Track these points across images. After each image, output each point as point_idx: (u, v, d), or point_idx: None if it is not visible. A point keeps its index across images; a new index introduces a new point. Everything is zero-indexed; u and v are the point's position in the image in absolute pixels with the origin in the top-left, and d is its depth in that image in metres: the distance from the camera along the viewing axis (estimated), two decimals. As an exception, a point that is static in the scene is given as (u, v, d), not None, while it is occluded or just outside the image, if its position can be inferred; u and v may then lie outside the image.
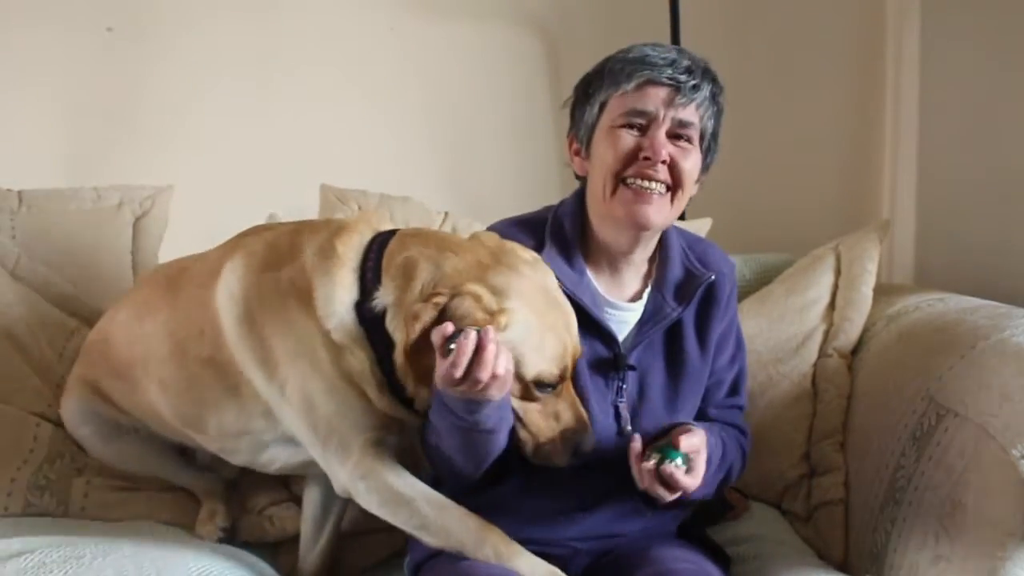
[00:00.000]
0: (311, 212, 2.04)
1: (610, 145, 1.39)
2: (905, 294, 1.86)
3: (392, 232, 1.38)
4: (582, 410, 1.31)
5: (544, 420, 1.28)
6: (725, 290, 1.51)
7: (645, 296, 1.47)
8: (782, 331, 1.86)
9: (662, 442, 1.28)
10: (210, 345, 1.40)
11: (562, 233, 1.46)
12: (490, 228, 1.49)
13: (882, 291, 1.88)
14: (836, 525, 1.66)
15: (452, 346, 1.13)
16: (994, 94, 2.06)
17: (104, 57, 2.38)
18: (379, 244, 1.35)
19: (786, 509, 1.78)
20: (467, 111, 2.53)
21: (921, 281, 2.19)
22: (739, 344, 1.56)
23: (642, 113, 1.38)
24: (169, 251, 2.14)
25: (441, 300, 1.21)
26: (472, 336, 1.13)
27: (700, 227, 2.09)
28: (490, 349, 1.13)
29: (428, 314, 1.20)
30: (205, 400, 1.45)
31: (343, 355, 1.31)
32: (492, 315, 1.19)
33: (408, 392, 1.31)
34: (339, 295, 1.31)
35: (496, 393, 1.18)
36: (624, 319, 1.45)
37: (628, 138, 1.38)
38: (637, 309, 1.46)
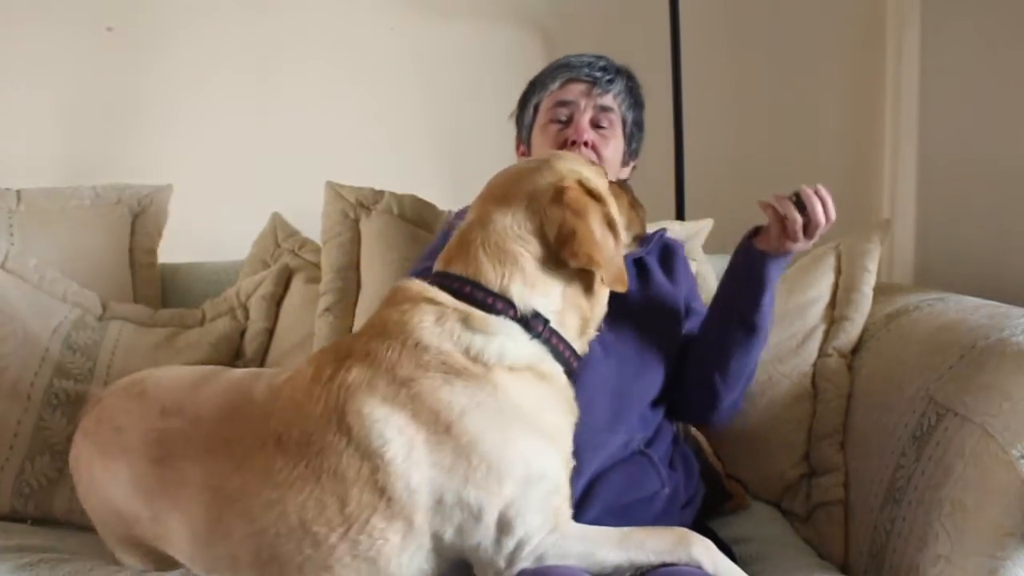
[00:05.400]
0: (313, 210, 2.04)
1: (544, 138, 1.62)
2: (905, 294, 1.86)
3: (436, 275, 1.29)
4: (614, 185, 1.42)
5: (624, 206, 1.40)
6: (680, 251, 1.69)
7: None
8: (782, 331, 1.86)
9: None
10: (373, 497, 1.16)
11: None
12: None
13: (882, 291, 1.88)
14: (836, 525, 1.66)
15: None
16: (994, 93, 2.06)
17: (104, 57, 2.39)
18: (449, 282, 1.26)
19: (785, 509, 1.78)
20: (467, 110, 2.53)
21: (921, 281, 2.19)
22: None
23: (566, 103, 1.60)
24: (169, 250, 2.14)
25: (563, 208, 1.24)
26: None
27: (701, 228, 2.08)
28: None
29: (573, 219, 1.23)
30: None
31: (537, 382, 1.23)
32: (582, 182, 1.28)
33: (581, 344, 1.31)
34: (500, 326, 1.22)
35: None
36: None
37: (557, 129, 1.61)
38: None
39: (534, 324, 1.24)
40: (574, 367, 1.30)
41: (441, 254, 1.32)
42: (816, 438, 1.77)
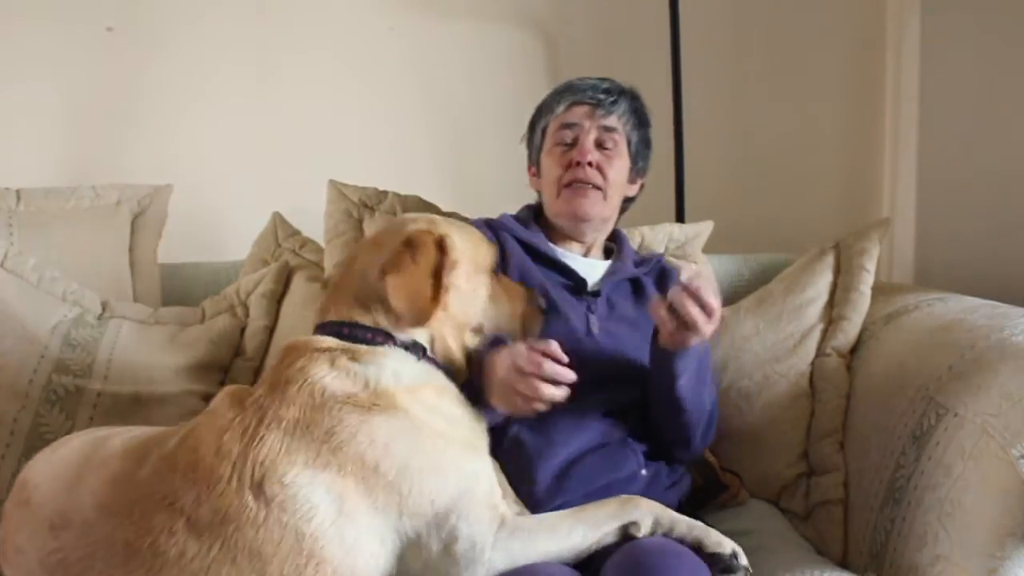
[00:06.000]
0: (313, 210, 2.04)
1: (552, 161, 1.68)
2: (905, 294, 1.86)
3: (316, 327, 1.33)
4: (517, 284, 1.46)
5: (509, 299, 1.41)
6: (676, 278, 1.68)
7: (607, 263, 1.71)
8: (780, 330, 1.86)
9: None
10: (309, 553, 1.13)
11: (519, 217, 1.74)
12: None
13: (882, 290, 1.88)
14: (835, 524, 1.66)
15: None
16: (994, 94, 2.07)
17: (104, 56, 2.39)
18: (329, 329, 1.30)
19: (783, 508, 1.78)
20: (467, 110, 2.53)
21: (921, 281, 2.19)
22: None
23: (571, 125, 1.67)
24: (169, 250, 2.14)
25: (405, 244, 1.29)
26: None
27: (702, 231, 2.08)
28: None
29: (404, 250, 1.28)
30: None
31: (438, 397, 1.27)
32: (442, 237, 1.31)
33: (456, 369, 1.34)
34: (386, 352, 1.26)
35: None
36: (591, 267, 1.67)
37: (563, 152, 1.66)
38: (603, 266, 1.70)
39: (414, 351, 1.28)
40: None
41: (319, 304, 1.37)
42: (815, 438, 1.77)
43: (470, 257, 1.36)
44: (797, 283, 1.91)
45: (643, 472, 1.47)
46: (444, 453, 1.20)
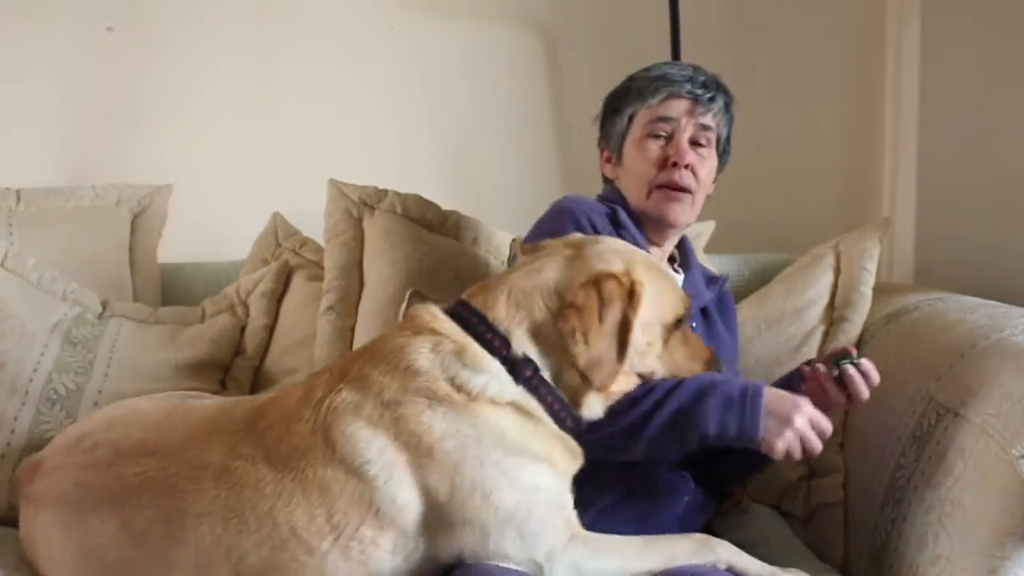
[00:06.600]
0: (314, 210, 2.04)
1: (642, 154, 1.58)
2: (905, 294, 1.86)
3: (456, 303, 1.32)
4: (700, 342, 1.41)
5: (686, 358, 1.36)
6: (733, 302, 1.73)
7: (680, 277, 1.64)
8: (780, 332, 1.86)
9: (833, 357, 1.39)
10: (361, 513, 1.19)
11: (622, 211, 1.61)
12: (564, 199, 1.60)
13: (882, 291, 1.88)
14: (836, 526, 1.66)
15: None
16: (994, 94, 2.06)
17: (104, 56, 2.38)
18: (461, 311, 1.29)
19: (785, 511, 1.77)
20: (468, 110, 2.53)
21: (921, 281, 2.19)
22: None
23: (667, 120, 1.58)
24: (169, 250, 2.14)
25: (593, 288, 1.24)
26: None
27: (703, 230, 2.08)
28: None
29: (593, 301, 1.23)
30: None
31: (519, 417, 1.24)
32: (633, 285, 1.25)
33: (580, 408, 1.29)
34: (488, 364, 1.24)
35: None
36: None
37: (656, 146, 1.58)
38: (678, 280, 1.61)
39: (521, 368, 1.24)
40: (567, 424, 1.27)
41: (483, 283, 1.34)
42: (816, 439, 1.77)
43: (653, 306, 1.29)
44: (798, 284, 1.91)
45: (685, 498, 1.47)
46: (498, 464, 1.20)
